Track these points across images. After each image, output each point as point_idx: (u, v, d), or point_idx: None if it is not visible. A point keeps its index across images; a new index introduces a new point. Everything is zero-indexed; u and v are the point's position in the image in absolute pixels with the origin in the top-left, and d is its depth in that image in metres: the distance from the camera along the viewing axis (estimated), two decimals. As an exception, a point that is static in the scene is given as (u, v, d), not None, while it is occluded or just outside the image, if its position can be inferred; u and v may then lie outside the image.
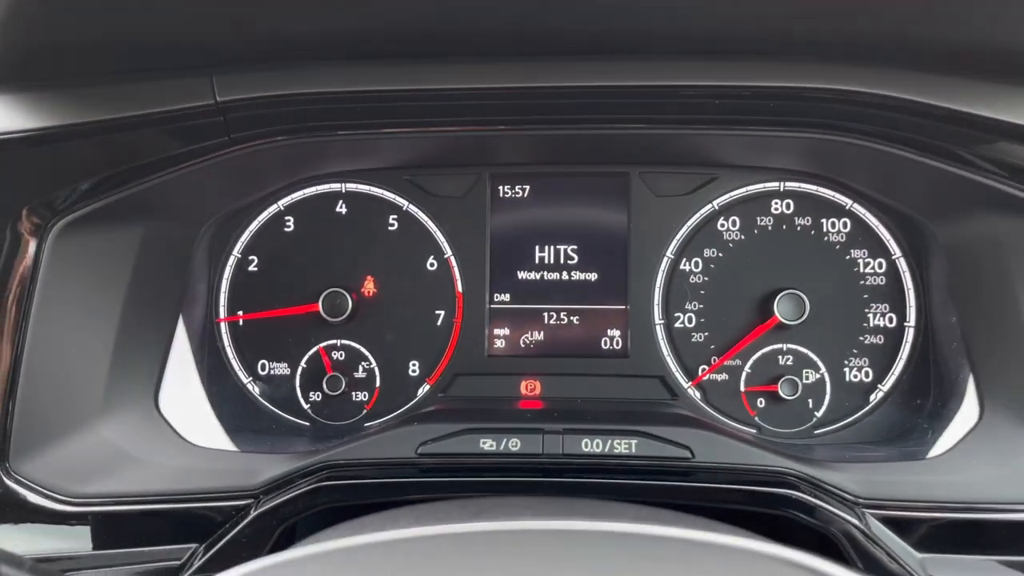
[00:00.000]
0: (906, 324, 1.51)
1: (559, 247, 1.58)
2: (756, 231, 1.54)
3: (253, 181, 1.51)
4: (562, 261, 1.58)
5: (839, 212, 1.53)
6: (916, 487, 1.23)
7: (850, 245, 1.52)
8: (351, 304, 1.53)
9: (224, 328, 1.57)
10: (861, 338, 1.52)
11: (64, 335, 1.29)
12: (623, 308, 1.56)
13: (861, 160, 1.36)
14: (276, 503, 1.19)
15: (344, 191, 1.57)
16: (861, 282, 1.52)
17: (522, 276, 1.58)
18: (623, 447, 1.23)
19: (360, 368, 1.56)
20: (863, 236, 1.52)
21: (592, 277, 1.57)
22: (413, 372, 1.57)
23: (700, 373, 1.54)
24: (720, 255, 1.55)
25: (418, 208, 1.57)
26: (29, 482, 1.22)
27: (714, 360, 1.54)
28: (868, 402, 1.52)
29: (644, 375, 1.54)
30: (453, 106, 1.28)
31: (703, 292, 1.55)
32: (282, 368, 1.57)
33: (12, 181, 1.24)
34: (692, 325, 1.55)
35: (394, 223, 1.57)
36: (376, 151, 1.50)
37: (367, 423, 1.54)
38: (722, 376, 1.54)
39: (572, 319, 1.57)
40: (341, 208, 1.57)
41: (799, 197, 1.54)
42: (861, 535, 1.14)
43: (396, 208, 1.57)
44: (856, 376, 1.52)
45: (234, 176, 1.42)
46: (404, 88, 1.24)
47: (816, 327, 1.51)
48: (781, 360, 1.53)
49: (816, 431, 1.52)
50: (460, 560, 0.79)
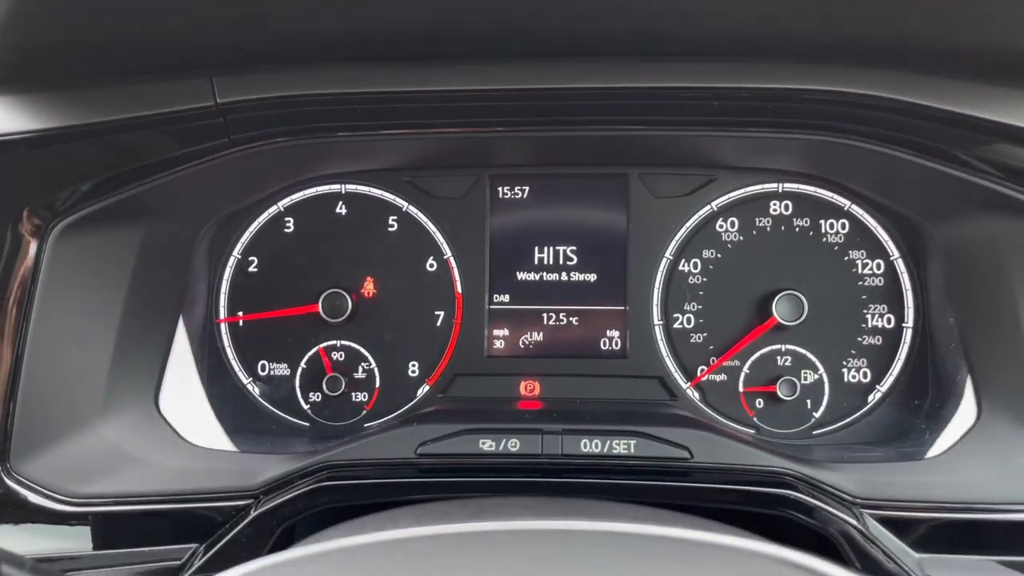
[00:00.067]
0: (904, 325, 1.52)
1: (558, 248, 1.58)
2: (755, 232, 1.55)
3: (253, 182, 1.51)
4: (561, 262, 1.58)
5: (837, 213, 1.53)
6: (914, 487, 1.23)
7: (848, 246, 1.53)
8: (351, 305, 1.53)
9: (224, 329, 1.58)
10: (859, 339, 1.52)
11: (65, 335, 1.29)
12: (622, 309, 1.56)
13: (859, 161, 1.36)
14: (276, 503, 1.19)
15: (344, 192, 1.58)
16: (859, 283, 1.52)
17: (521, 277, 1.58)
18: (622, 447, 1.24)
19: (360, 369, 1.57)
20: (861, 237, 1.53)
21: (591, 278, 1.57)
22: (413, 373, 1.57)
23: (699, 374, 1.54)
24: (719, 256, 1.55)
25: (418, 209, 1.57)
26: (30, 482, 1.22)
27: (713, 361, 1.54)
28: (866, 403, 1.52)
29: (643, 376, 1.55)
30: (453, 107, 1.29)
31: (702, 293, 1.55)
32: (282, 369, 1.57)
33: (13, 182, 1.24)
34: (691, 326, 1.55)
35: (394, 224, 1.57)
36: (376, 152, 1.50)
37: (367, 423, 1.54)
38: (721, 377, 1.55)
39: (571, 320, 1.58)
40: (341, 209, 1.58)
41: (797, 198, 1.54)
42: (859, 535, 1.14)
43: (396, 209, 1.57)
44: (854, 377, 1.53)
45: (234, 177, 1.42)
46: (404, 90, 1.24)
47: (814, 328, 1.51)
48: (779, 361, 1.53)
49: (814, 432, 1.52)
50: (459, 560, 0.80)
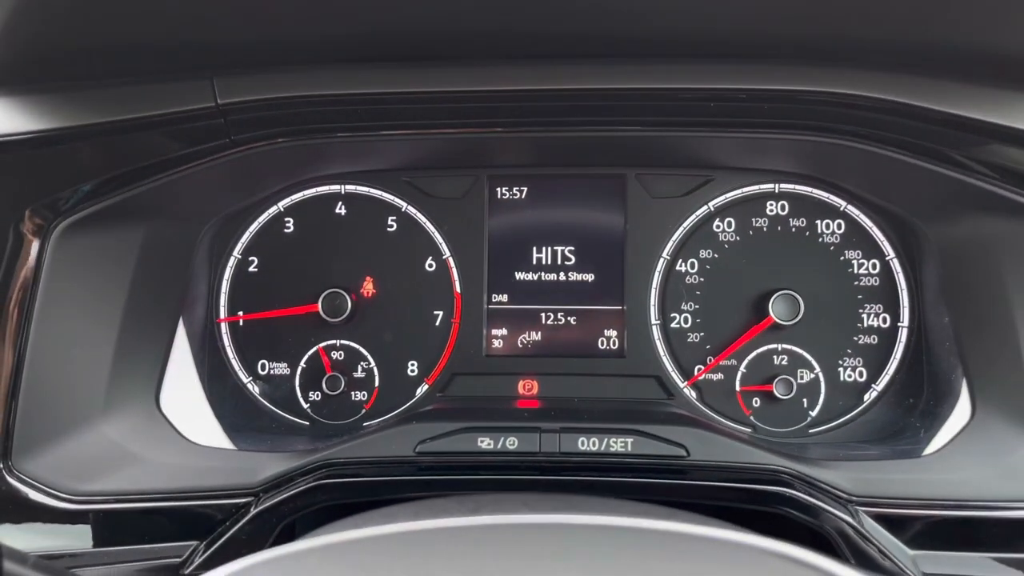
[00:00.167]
0: (899, 324, 1.52)
1: (556, 248, 1.59)
2: (751, 232, 1.55)
3: (253, 182, 1.52)
4: (559, 262, 1.59)
5: (833, 214, 1.54)
6: (909, 485, 1.24)
7: (844, 246, 1.54)
8: (350, 304, 1.53)
9: (224, 328, 1.58)
10: (855, 338, 1.53)
11: (66, 335, 1.30)
12: (620, 309, 1.57)
13: (855, 162, 1.37)
14: (276, 501, 1.20)
15: (343, 192, 1.58)
16: (855, 283, 1.53)
17: (520, 277, 1.59)
18: (619, 445, 1.24)
19: (359, 368, 1.57)
20: (857, 237, 1.54)
21: (589, 278, 1.58)
22: (412, 372, 1.58)
23: (696, 373, 1.55)
24: (716, 256, 1.56)
25: (417, 209, 1.57)
26: (32, 480, 1.23)
27: (710, 360, 1.55)
28: (862, 401, 1.53)
29: (640, 375, 1.55)
30: (452, 108, 1.29)
31: (699, 293, 1.56)
32: (282, 368, 1.58)
33: (15, 182, 1.25)
34: (688, 325, 1.56)
35: (393, 224, 1.58)
36: (375, 153, 1.51)
37: (366, 422, 1.55)
38: (717, 376, 1.55)
39: (569, 319, 1.58)
40: (340, 209, 1.58)
41: (794, 199, 1.55)
42: (854, 532, 1.15)
43: (395, 209, 1.58)
44: (850, 376, 1.53)
45: (235, 177, 1.43)
46: (403, 91, 1.25)
47: (811, 327, 1.52)
48: (776, 360, 1.54)
49: (811, 430, 1.53)
50: (456, 554, 0.80)
